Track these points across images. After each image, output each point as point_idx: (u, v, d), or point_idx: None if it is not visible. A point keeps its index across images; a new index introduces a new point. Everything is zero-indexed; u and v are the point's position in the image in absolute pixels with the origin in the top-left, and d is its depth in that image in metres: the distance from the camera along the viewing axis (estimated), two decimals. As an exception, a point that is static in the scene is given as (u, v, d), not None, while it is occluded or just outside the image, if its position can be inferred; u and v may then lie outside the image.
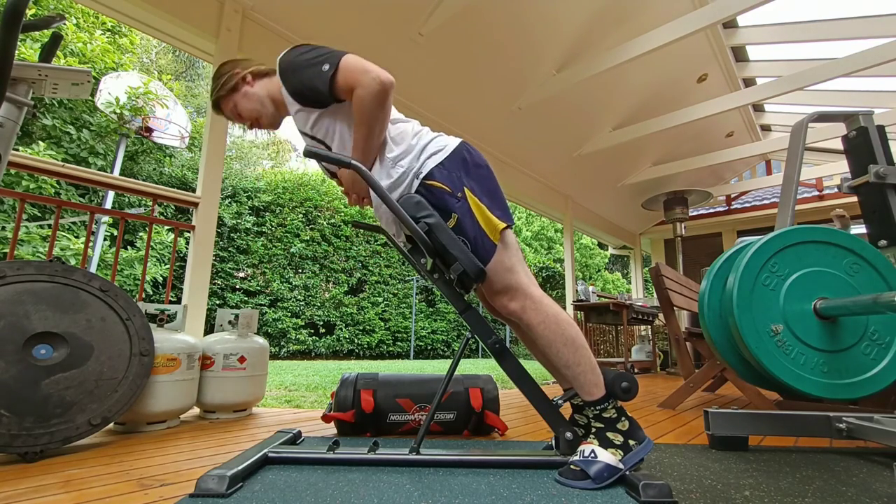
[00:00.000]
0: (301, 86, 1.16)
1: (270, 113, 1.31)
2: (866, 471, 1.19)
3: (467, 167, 1.18)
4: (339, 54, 1.12)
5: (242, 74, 1.31)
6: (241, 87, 1.30)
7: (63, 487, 0.98)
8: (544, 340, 1.11)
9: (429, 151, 1.18)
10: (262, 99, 1.30)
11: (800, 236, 1.37)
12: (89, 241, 2.04)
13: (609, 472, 0.98)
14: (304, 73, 1.14)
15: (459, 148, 1.20)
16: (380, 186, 1.10)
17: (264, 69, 1.33)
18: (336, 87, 1.11)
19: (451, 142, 1.21)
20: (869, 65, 3.26)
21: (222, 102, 1.33)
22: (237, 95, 1.31)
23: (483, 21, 3.20)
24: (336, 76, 1.10)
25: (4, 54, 1.06)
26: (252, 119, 1.32)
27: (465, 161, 1.19)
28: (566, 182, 5.46)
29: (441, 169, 1.15)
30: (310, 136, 1.25)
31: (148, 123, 5.65)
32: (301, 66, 1.15)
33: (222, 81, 1.31)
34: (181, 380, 1.66)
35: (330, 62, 1.11)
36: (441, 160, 1.16)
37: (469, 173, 1.17)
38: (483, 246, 1.11)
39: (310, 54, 1.15)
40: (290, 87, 1.18)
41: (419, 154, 1.17)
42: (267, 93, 1.30)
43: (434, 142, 1.20)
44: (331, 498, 0.90)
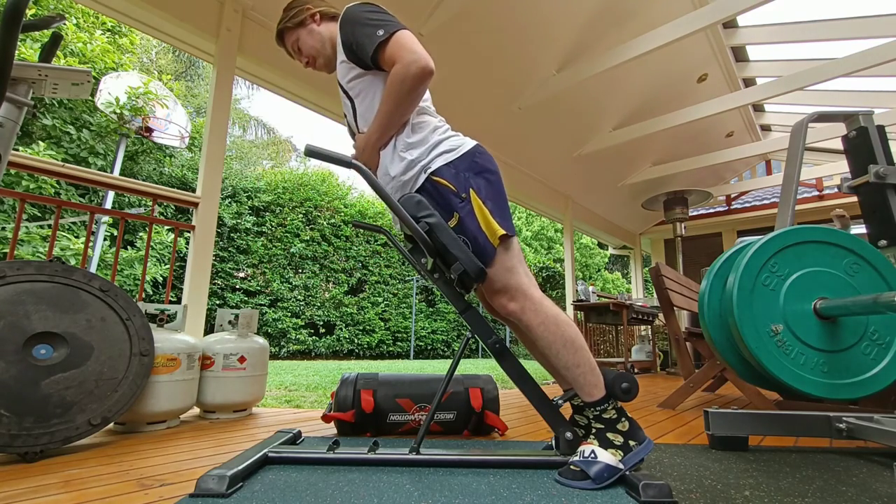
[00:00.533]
0: (353, 39, 1.18)
1: (328, 55, 1.33)
2: (866, 471, 1.19)
3: (477, 170, 1.18)
4: (397, 26, 1.16)
5: (312, 12, 1.33)
6: (309, 24, 1.33)
7: (63, 487, 0.98)
8: (544, 341, 1.11)
9: (441, 148, 1.18)
10: (324, 40, 1.33)
11: (800, 236, 1.37)
12: (89, 241, 2.04)
13: (609, 473, 0.98)
14: (360, 29, 1.17)
15: (472, 150, 1.21)
16: (382, 188, 1.10)
17: (333, 12, 1.35)
18: (381, 54, 1.14)
19: (467, 143, 1.22)
20: (869, 65, 3.26)
21: (287, 34, 1.36)
22: (303, 31, 1.34)
23: (483, 21, 3.20)
24: (385, 45, 1.13)
25: (4, 54, 1.06)
26: (310, 57, 1.35)
27: (476, 164, 1.19)
28: (566, 182, 5.46)
29: (449, 168, 1.16)
30: (345, 89, 1.28)
31: (148, 123, 5.65)
32: (360, 21, 1.18)
33: (292, 14, 1.34)
34: (181, 380, 1.66)
35: (386, 29, 1.14)
36: (451, 159, 1.17)
37: (478, 176, 1.17)
38: (483, 246, 1.11)
39: (372, 15, 1.18)
40: (344, 36, 1.21)
41: (432, 148, 1.18)
42: (330, 35, 1.32)
43: (449, 140, 1.21)
44: (331, 498, 0.90)
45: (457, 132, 1.27)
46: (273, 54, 2.71)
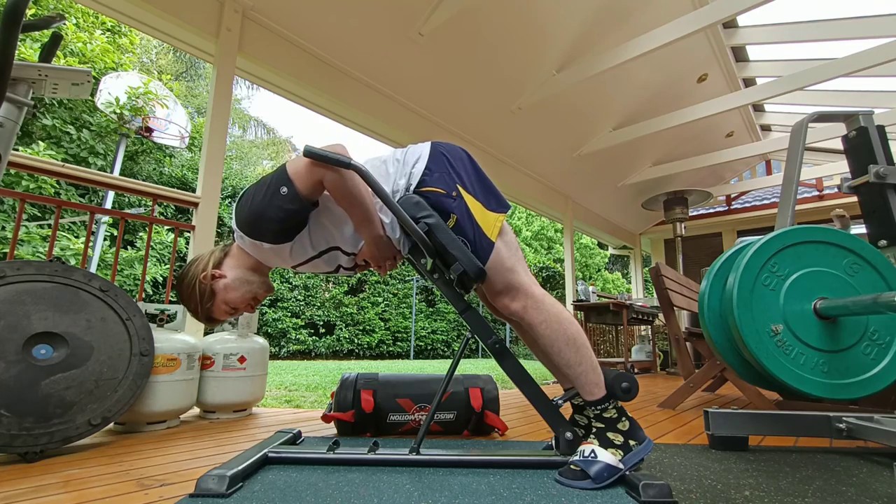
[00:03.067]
0: (279, 223, 1.09)
1: (259, 282, 1.23)
2: (866, 471, 1.19)
3: (451, 164, 1.18)
4: (282, 171, 1.07)
5: (207, 274, 1.19)
6: (216, 285, 1.20)
7: (63, 487, 0.98)
8: (546, 340, 1.11)
9: (409, 164, 1.17)
10: (241, 279, 1.21)
11: (800, 236, 1.37)
12: (89, 241, 2.04)
13: (609, 472, 0.98)
14: (272, 212, 1.07)
15: (434, 149, 1.20)
16: (381, 188, 1.10)
17: (219, 255, 1.23)
18: (305, 196, 1.06)
19: (423, 146, 1.21)
20: (869, 65, 3.26)
21: (214, 314, 1.22)
22: (220, 296, 1.20)
23: (483, 21, 3.20)
24: (297, 189, 1.05)
25: (4, 54, 1.06)
26: (248, 302, 1.23)
27: (446, 158, 1.18)
28: (566, 182, 5.46)
29: (429, 173, 1.15)
30: (317, 256, 1.19)
31: (148, 123, 5.65)
32: (263, 208, 1.07)
33: (197, 296, 1.19)
34: (181, 380, 1.66)
35: (281, 182, 1.05)
36: (424, 165, 1.16)
37: (454, 169, 1.17)
38: (482, 245, 1.11)
39: (259, 194, 1.08)
40: (270, 234, 1.10)
41: (404, 173, 1.16)
42: (243, 268, 1.21)
43: (408, 154, 1.20)
44: (331, 498, 0.90)
45: (404, 146, 1.24)
46: (273, 54, 2.71)
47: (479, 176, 1.21)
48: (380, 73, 3.31)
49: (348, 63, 3.14)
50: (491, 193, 1.19)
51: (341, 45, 3.02)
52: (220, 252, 1.24)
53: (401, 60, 3.28)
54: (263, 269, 1.24)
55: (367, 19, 2.93)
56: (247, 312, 1.27)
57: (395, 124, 3.53)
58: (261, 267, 1.23)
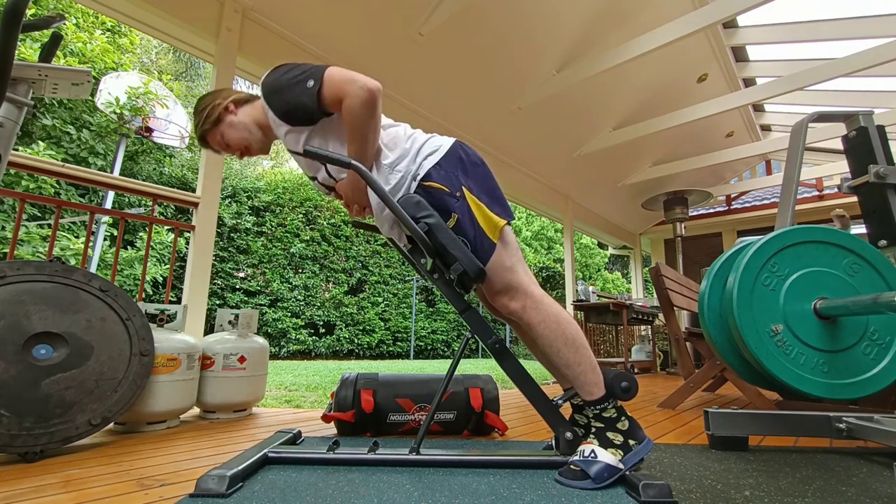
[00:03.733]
0: (287, 106, 1.14)
1: (258, 139, 1.29)
2: (866, 471, 1.19)
3: (464, 166, 1.18)
4: (321, 68, 1.12)
5: (224, 104, 1.28)
6: (226, 118, 1.28)
7: (63, 487, 0.98)
8: (545, 340, 1.11)
9: (424, 153, 1.17)
10: (248, 126, 1.27)
11: (800, 236, 1.37)
12: (89, 241, 2.04)
13: (609, 472, 0.98)
14: (290, 92, 1.13)
15: (455, 147, 1.20)
16: (381, 188, 1.10)
17: (245, 96, 1.31)
18: (323, 100, 1.10)
19: (446, 141, 1.21)
20: (869, 65, 3.26)
21: (208, 136, 1.30)
22: (222, 126, 1.28)
23: (483, 21, 3.20)
24: (322, 90, 1.09)
25: (4, 54, 1.06)
26: (241, 148, 1.29)
27: (462, 160, 1.19)
28: (566, 182, 5.46)
29: (438, 169, 1.15)
30: (302, 155, 1.23)
31: (148, 123, 5.65)
32: (285, 86, 1.14)
33: (205, 115, 1.27)
34: (181, 380, 1.66)
35: (314, 77, 1.10)
36: (437, 160, 1.16)
37: (466, 172, 1.17)
38: (483, 245, 1.11)
39: (292, 73, 1.14)
40: (277, 108, 1.17)
41: (415, 156, 1.17)
42: (252, 119, 1.27)
43: (429, 143, 1.20)
44: (331, 498, 0.90)
45: (432, 133, 1.25)
46: (273, 54, 2.71)
47: (490, 183, 1.20)
48: (380, 73, 3.29)
49: (348, 63, 3.12)
50: (497, 201, 1.19)
51: (341, 45, 3.02)
52: (246, 96, 1.32)
53: (401, 60, 3.28)
54: (269, 132, 1.28)
55: (367, 19, 2.93)
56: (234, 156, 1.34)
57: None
58: (267, 128, 1.27)
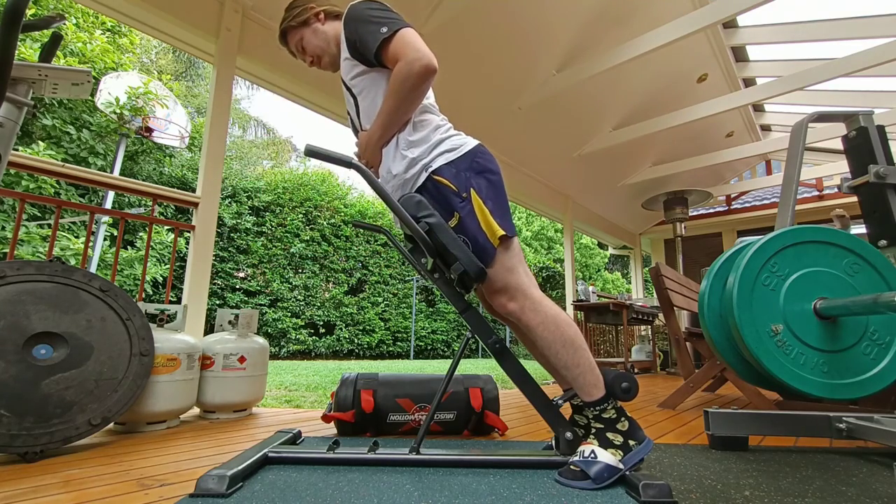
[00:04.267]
0: (356, 37, 1.18)
1: (333, 54, 1.33)
2: (866, 471, 1.19)
3: (478, 170, 1.18)
4: (401, 24, 1.15)
5: (316, 10, 1.32)
6: (313, 23, 1.32)
7: (63, 487, 0.98)
8: (543, 341, 1.11)
9: (443, 147, 1.18)
10: (329, 38, 1.32)
11: (800, 236, 1.37)
12: (89, 241, 2.04)
13: (609, 473, 0.98)
14: (364, 27, 1.17)
15: (474, 150, 1.20)
16: (382, 188, 1.10)
17: (337, 10, 1.35)
18: (384, 51, 1.14)
19: (468, 142, 1.22)
20: (869, 65, 3.26)
21: (290, 33, 1.35)
22: (307, 30, 1.33)
23: (483, 21, 3.20)
24: (388, 42, 1.13)
25: (4, 54, 1.06)
26: (315, 56, 1.34)
27: (477, 163, 1.19)
28: (566, 182, 5.46)
29: (451, 167, 1.16)
30: (348, 87, 1.28)
31: (148, 123, 5.64)
32: (364, 19, 1.18)
33: (295, 13, 1.32)
34: (181, 380, 1.66)
35: (390, 27, 1.14)
36: (453, 158, 1.17)
37: (479, 176, 1.17)
38: (483, 246, 1.11)
39: (376, 13, 1.18)
40: (348, 33, 1.21)
41: (433, 147, 1.18)
42: (335, 34, 1.31)
43: (451, 139, 1.21)
44: (331, 498, 0.90)
45: (459, 131, 1.27)
46: (273, 54, 2.71)
47: (499, 194, 1.20)
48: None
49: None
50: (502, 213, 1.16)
51: (341, 45, 3.02)
52: (338, 10, 1.34)
53: (401, 60, 3.28)
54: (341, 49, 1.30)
55: (367, 19, 2.92)
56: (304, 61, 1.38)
57: (395, 124, 3.52)
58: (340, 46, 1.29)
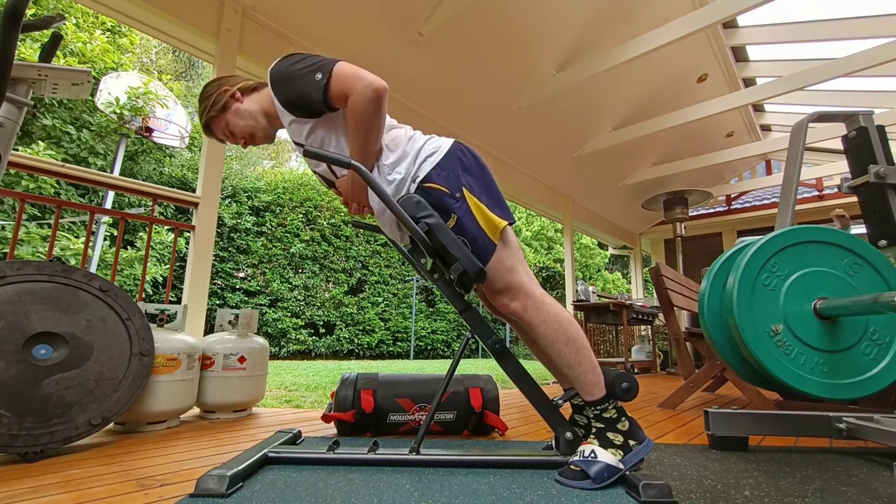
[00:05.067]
0: (294, 95, 1.14)
1: (264, 126, 1.28)
2: (866, 471, 1.19)
3: (464, 166, 1.18)
4: (331, 62, 1.11)
5: (231, 91, 1.26)
6: (232, 105, 1.26)
7: (63, 487, 0.98)
8: (546, 340, 1.11)
9: (424, 154, 1.18)
10: (254, 114, 1.26)
11: (800, 236, 1.37)
12: (89, 241, 2.04)
13: (609, 472, 0.98)
14: (297, 82, 1.12)
15: (453, 148, 1.20)
16: (381, 188, 1.10)
17: (252, 84, 1.31)
18: (330, 95, 1.10)
19: (445, 143, 1.21)
20: (869, 65, 3.26)
21: (213, 123, 1.28)
22: (228, 114, 1.26)
23: (483, 21, 3.20)
24: (329, 84, 1.09)
25: (4, 54, 1.06)
26: (246, 136, 1.28)
27: (461, 161, 1.19)
28: (566, 182, 5.46)
29: (438, 170, 1.15)
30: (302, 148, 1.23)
31: (148, 123, 5.64)
32: (293, 75, 1.13)
33: (211, 101, 1.26)
34: (181, 380, 1.66)
35: (322, 71, 1.10)
36: (437, 161, 1.16)
37: (466, 172, 1.17)
38: (483, 246, 1.11)
39: (301, 63, 1.13)
40: (283, 97, 1.16)
41: (415, 158, 1.17)
42: (259, 107, 1.27)
43: (428, 144, 1.20)
44: (331, 498, 0.90)
45: (430, 134, 1.25)
46: (273, 54, 2.69)
47: (489, 185, 1.20)
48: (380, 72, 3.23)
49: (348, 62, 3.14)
50: (497, 203, 1.18)
51: (341, 45, 3.02)
52: (253, 84, 1.31)
53: (401, 60, 3.28)
54: (275, 120, 1.28)
55: (367, 19, 2.93)
56: (238, 144, 1.32)
57: (395, 124, 3.53)
58: (274, 117, 1.26)
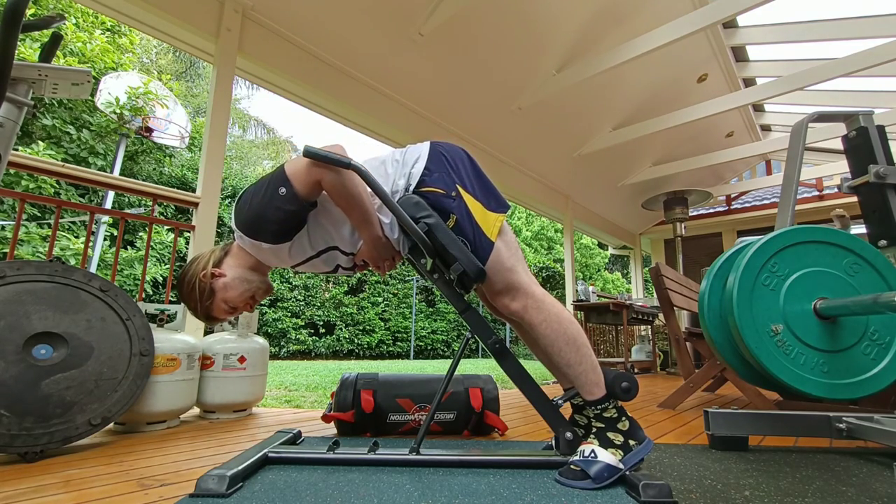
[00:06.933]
0: (278, 224, 1.09)
1: (258, 282, 1.23)
2: (866, 471, 1.19)
3: (451, 164, 1.18)
4: (280, 171, 1.07)
5: (206, 273, 1.19)
6: (216, 284, 1.20)
7: (63, 487, 0.98)
8: (546, 340, 1.11)
9: (408, 164, 1.17)
10: (243, 277, 1.21)
11: (800, 236, 1.37)
12: (89, 241, 2.04)
13: (609, 472, 0.98)
14: (270, 212, 1.07)
15: (433, 149, 1.19)
16: (381, 188, 1.10)
17: (220, 252, 1.23)
18: (305, 194, 1.07)
19: (423, 146, 1.21)
20: (869, 65, 3.26)
21: (213, 312, 1.22)
22: (218, 295, 1.20)
23: (483, 21, 3.20)
24: (296, 188, 1.05)
25: (4, 54, 1.06)
26: (247, 300, 1.23)
27: (445, 158, 1.18)
28: (566, 182, 5.46)
29: (429, 173, 1.15)
30: (316, 256, 1.20)
31: (148, 123, 5.65)
32: (262, 209, 1.08)
33: (196, 295, 1.19)
34: (181, 380, 1.66)
35: (279, 183, 1.06)
36: (423, 165, 1.16)
37: (454, 170, 1.17)
38: (482, 245, 1.11)
39: (257, 195, 1.08)
40: (268, 234, 1.11)
41: (403, 173, 1.16)
42: (242, 268, 1.21)
43: (408, 154, 1.20)
44: (331, 498, 0.90)
45: (405, 146, 1.24)
46: (273, 54, 2.71)
47: (479, 176, 1.21)
48: (380, 72, 3.31)
49: (348, 63, 3.14)
50: (491, 193, 1.19)
51: (341, 45, 3.02)
52: (220, 251, 1.24)
53: (401, 60, 3.28)
54: (263, 268, 1.24)
55: (367, 19, 2.93)
56: (246, 311, 1.27)
57: (395, 124, 3.53)
58: (260, 266, 1.23)
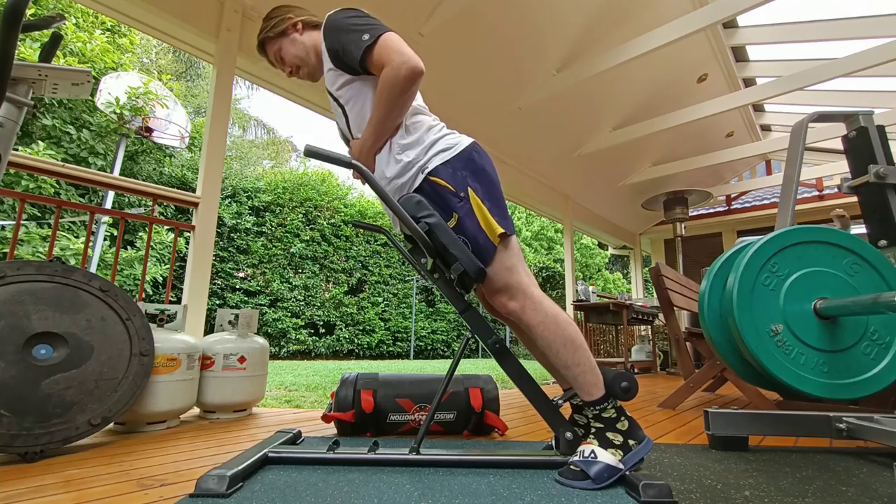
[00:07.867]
0: (338, 46, 1.18)
1: (312, 64, 1.33)
2: (866, 471, 1.19)
3: (474, 168, 1.17)
4: (382, 29, 1.14)
5: (294, 21, 1.32)
6: (290, 33, 1.32)
7: (63, 487, 0.98)
8: (543, 341, 1.11)
9: (437, 148, 1.17)
10: (307, 49, 1.32)
11: (800, 236, 1.37)
12: (89, 241, 2.04)
13: (609, 473, 0.98)
14: (345, 36, 1.16)
15: (469, 148, 1.20)
16: (381, 189, 1.10)
17: (316, 20, 1.35)
18: (369, 59, 1.14)
19: (463, 141, 1.21)
20: (869, 65, 3.26)
21: (268, 44, 1.35)
22: (285, 40, 1.33)
23: (483, 21, 3.20)
24: (372, 49, 1.12)
25: (4, 54, 1.06)
26: (293, 66, 1.34)
27: (473, 162, 1.18)
28: (566, 182, 5.46)
29: (447, 167, 1.15)
30: (334, 97, 1.28)
31: (148, 123, 5.64)
32: (344, 28, 1.17)
33: (273, 23, 1.33)
34: (181, 380, 1.66)
35: (371, 34, 1.13)
36: (448, 158, 1.16)
37: (476, 175, 1.17)
38: (483, 246, 1.11)
39: (356, 20, 1.17)
40: (329, 44, 1.20)
41: (428, 148, 1.17)
42: (313, 44, 1.32)
43: (445, 139, 1.20)
44: (331, 498, 0.90)
45: (452, 130, 1.26)
46: (273, 54, 2.71)
47: (496, 193, 1.19)
48: (380, 73, 3.30)
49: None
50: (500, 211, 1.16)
51: (341, 45, 3.02)
52: (317, 20, 1.33)
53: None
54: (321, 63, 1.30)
55: (367, 19, 2.92)
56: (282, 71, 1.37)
57: (395, 124, 3.53)
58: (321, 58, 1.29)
